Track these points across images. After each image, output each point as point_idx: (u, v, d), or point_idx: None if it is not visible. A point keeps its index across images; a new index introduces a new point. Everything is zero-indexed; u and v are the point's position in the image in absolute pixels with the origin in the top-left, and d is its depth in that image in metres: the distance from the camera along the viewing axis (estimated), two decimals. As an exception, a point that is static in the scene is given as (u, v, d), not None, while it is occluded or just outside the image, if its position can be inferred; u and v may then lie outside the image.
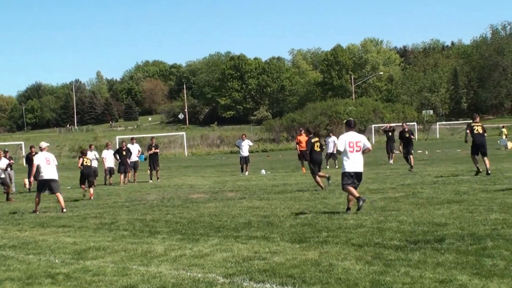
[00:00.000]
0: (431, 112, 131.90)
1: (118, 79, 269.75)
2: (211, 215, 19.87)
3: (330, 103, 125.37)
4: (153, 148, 40.50)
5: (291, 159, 42.68)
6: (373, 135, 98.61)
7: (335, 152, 34.84)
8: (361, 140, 18.52)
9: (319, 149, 26.72)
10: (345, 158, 18.21)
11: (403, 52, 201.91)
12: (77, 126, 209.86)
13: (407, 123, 48.75)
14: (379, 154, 49.84)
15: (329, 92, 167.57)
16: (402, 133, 37.08)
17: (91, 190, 28.77)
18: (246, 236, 15.19)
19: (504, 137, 62.48)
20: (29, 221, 21.31)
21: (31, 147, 39.20)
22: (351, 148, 18.14)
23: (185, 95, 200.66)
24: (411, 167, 34.11)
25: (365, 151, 18.55)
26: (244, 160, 41.61)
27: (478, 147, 28.16)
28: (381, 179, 29.39)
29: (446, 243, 12.69)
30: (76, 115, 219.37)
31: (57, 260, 13.54)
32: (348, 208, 18.41)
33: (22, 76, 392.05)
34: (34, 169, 24.53)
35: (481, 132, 28.22)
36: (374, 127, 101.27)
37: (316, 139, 27.25)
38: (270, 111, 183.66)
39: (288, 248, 13.31)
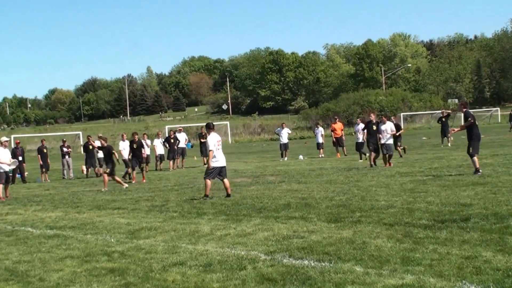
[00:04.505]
0: (456, 101, 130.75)
1: (167, 74, 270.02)
2: (253, 197, 19.87)
3: (362, 93, 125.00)
4: (204, 137, 40.72)
5: (327, 146, 42.41)
6: (402, 123, 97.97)
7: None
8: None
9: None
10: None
11: (430, 46, 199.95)
12: (129, 116, 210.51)
13: (446, 110, 48.87)
14: (408, 140, 49.59)
15: (361, 83, 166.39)
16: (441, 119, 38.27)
17: (144, 174, 28.84)
18: (286, 216, 15.17)
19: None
20: (86, 204, 21.47)
21: (88, 137, 39.48)
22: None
23: (228, 88, 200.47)
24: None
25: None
26: (284, 147, 41.59)
27: None
28: (410, 163, 29.19)
29: (471, 222, 12.58)
30: (129, 106, 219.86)
31: (112, 240, 13.63)
32: None
33: (79, 71, 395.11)
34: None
35: None
36: (403, 115, 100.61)
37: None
38: (307, 101, 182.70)
39: (324, 227, 13.27)
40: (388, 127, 29.15)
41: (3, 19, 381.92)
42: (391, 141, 29.02)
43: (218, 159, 20.14)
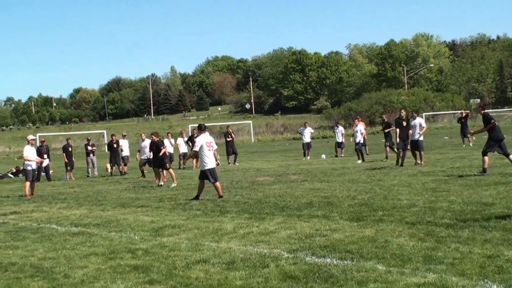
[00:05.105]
0: (479, 100, 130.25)
1: (190, 73, 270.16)
2: (276, 196, 19.87)
3: (384, 93, 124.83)
4: (229, 136, 40.89)
5: (348, 145, 42.43)
6: (423, 123, 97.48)
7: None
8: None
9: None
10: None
11: (452, 46, 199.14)
12: (153, 115, 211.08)
13: (465, 111, 48.90)
14: (430, 139, 49.43)
15: (383, 83, 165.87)
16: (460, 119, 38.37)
17: (165, 173, 28.81)
18: (308, 215, 15.16)
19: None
20: (111, 201, 21.55)
21: (112, 135, 39.64)
22: None
23: (251, 87, 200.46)
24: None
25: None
26: (306, 146, 41.58)
27: None
28: (432, 162, 29.08)
29: (493, 221, 12.53)
30: (153, 105, 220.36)
31: (136, 237, 13.67)
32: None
33: (104, 71, 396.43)
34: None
35: None
36: (425, 115, 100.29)
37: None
38: (329, 101, 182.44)
39: (346, 226, 13.26)
40: (417, 122, 29.01)
41: (30, 18, 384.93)
42: (421, 138, 28.88)
43: (208, 162, 20.05)
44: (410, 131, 28.97)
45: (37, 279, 10.24)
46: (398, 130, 29.79)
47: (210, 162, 20.06)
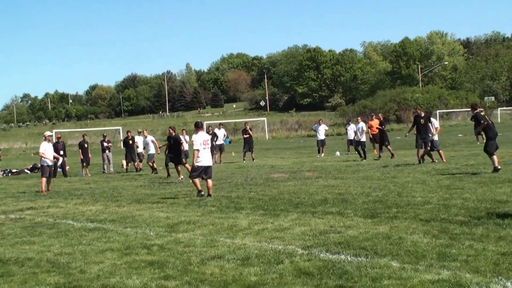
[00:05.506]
0: (493, 98, 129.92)
1: (205, 70, 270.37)
2: (290, 192, 19.88)
3: (399, 90, 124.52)
4: (247, 133, 40.92)
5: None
6: (438, 120, 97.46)
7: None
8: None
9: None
10: None
11: (466, 44, 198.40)
12: (168, 112, 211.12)
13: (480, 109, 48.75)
14: (444, 137, 49.32)
15: (398, 81, 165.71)
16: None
17: (179, 168, 28.77)
18: (322, 211, 15.16)
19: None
20: (126, 198, 21.60)
21: (127, 132, 39.73)
22: None
23: (266, 84, 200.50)
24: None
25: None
26: (321, 143, 41.58)
27: None
28: (446, 160, 28.99)
29: (507, 218, 12.50)
30: (168, 102, 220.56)
31: (152, 233, 13.70)
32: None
33: (120, 67, 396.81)
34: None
35: None
36: (439, 112, 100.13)
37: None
38: (344, 98, 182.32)
39: (361, 222, 13.25)
40: (433, 122, 28.99)
41: (47, 16, 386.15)
42: (436, 137, 28.82)
43: (203, 159, 19.96)
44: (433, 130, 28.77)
45: (53, 274, 10.27)
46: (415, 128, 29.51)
47: (204, 159, 20.03)
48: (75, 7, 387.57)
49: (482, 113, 24.10)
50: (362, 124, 35.54)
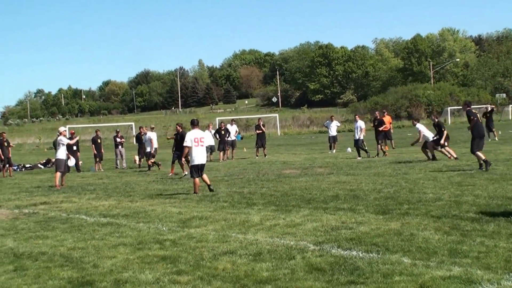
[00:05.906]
0: (504, 95, 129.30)
1: (218, 66, 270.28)
2: (302, 188, 19.88)
3: (410, 87, 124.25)
4: (260, 128, 40.87)
5: (374, 139, 42.23)
6: (449, 117, 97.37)
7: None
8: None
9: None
10: None
11: (478, 41, 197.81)
12: (181, 108, 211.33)
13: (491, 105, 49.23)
14: (455, 133, 49.21)
15: (409, 78, 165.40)
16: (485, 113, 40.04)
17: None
18: (334, 207, 15.16)
19: None
20: (139, 193, 21.66)
21: (140, 128, 39.79)
22: None
23: (278, 81, 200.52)
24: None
25: None
26: (332, 139, 41.53)
27: None
28: (458, 156, 28.90)
29: (519, 215, 12.47)
30: (180, 98, 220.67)
31: (164, 228, 13.73)
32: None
33: (133, 64, 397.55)
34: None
35: None
36: (450, 109, 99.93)
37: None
38: (355, 94, 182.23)
39: (372, 219, 13.25)
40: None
41: (61, 13, 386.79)
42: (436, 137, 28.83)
43: (197, 157, 20.01)
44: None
45: (67, 269, 10.31)
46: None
47: (197, 158, 20.05)
48: (90, 4, 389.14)
49: (474, 111, 24.00)
50: (360, 123, 35.48)
